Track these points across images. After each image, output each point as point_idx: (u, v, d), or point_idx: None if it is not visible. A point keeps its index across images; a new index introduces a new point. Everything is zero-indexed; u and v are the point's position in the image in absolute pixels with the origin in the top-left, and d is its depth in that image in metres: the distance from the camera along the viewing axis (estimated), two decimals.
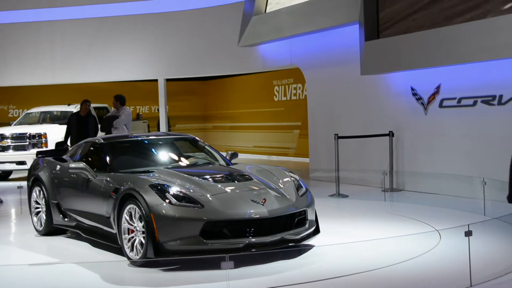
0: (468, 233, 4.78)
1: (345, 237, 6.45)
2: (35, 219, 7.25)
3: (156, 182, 5.54)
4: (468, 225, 4.85)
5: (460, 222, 6.25)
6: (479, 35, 7.86)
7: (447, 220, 7.06)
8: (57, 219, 6.88)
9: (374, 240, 5.98)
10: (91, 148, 6.89)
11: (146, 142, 7.08)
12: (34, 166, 7.46)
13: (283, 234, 5.45)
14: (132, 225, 5.50)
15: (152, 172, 6.06)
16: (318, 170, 11.59)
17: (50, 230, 7.02)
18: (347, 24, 10.31)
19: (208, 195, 5.43)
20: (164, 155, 6.85)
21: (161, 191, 5.39)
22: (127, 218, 5.56)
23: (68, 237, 6.97)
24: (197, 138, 7.33)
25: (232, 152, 7.14)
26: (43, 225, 7.09)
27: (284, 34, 11.79)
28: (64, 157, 7.25)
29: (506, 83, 8.16)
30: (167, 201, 5.31)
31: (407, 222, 7.19)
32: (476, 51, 7.97)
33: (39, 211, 7.17)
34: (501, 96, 8.27)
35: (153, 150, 6.94)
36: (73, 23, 15.34)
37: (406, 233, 6.34)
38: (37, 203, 7.22)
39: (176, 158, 6.80)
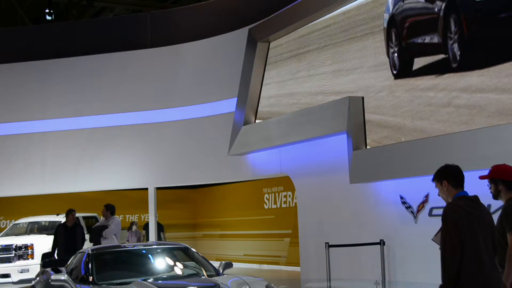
0: None
1: None
2: None
3: None
4: None
5: None
6: (466, 146, 8.01)
7: None
8: None
9: None
10: (80, 259, 6.81)
11: (134, 252, 7.00)
12: (36, 277, 7.43)
13: None
14: None
15: (130, 283, 5.94)
16: (309, 280, 11.38)
17: None
18: (335, 134, 10.51)
19: None
20: (151, 266, 6.75)
21: None
22: None
23: None
24: (189, 247, 7.25)
25: (226, 262, 7.03)
26: None
27: (273, 143, 11.98)
28: (61, 268, 7.20)
29: None
30: None
31: None
32: (463, 161, 8.04)
33: None
34: (489, 206, 8.29)
35: (140, 261, 6.85)
36: (64, 134, 15.54)
37: None
38: None
39: (163, 269, 6.69)
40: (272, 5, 12.99)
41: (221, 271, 6.73)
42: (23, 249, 12.58)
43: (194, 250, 7.13)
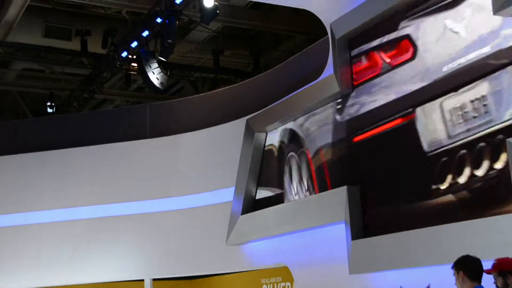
0: None
1: None
2: None
3: None
4: None
5: None
6: (467, 236, 7.90)
7: None
8: None
9: None
10: None
11: None
12: None
13: None
14: None
15: None
16: None
17: None
18: (333, 223, 10.42)
19: None
20: None
21: None
22: None
23: None
24: None
25: None
26: None
27: (271, 233, 11.87)
28: None
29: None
30: None
31: None
32: (464, 252, 7.94)
33: None
34: None
35: None
36: (60, 225, 15.38)
37: None
38: None
39: None
40: (269, 96, 13.23)
41: None
42: None
43: None
